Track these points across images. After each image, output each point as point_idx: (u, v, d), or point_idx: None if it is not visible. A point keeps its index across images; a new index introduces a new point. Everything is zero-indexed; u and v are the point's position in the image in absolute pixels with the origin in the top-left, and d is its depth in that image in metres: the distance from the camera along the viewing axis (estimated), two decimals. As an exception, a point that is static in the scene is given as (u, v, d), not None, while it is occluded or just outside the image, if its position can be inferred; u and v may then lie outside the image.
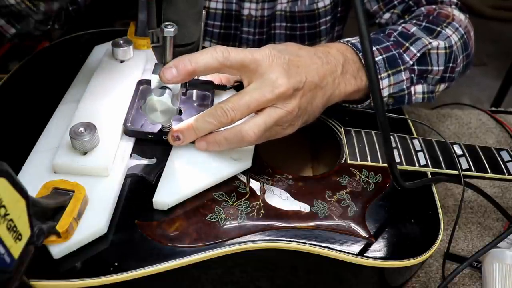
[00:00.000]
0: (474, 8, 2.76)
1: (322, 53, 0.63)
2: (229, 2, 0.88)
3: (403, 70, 0.70)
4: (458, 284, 0.68)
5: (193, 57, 0.53)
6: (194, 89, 0.65)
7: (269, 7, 0.89)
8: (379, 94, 0.47)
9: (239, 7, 0.89)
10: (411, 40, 0.72)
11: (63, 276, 0.47)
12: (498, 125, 0.95)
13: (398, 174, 0.53)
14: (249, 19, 0.89)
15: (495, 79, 2.19)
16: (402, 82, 0.70)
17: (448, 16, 0.80)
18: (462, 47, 0.78)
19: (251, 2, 0.87)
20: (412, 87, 0.72)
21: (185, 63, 0.53)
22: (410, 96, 0.72)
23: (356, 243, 0.55)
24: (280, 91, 0.55)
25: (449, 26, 0.77)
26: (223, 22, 0.90)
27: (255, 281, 0.58)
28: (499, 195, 0.81)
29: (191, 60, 0.53)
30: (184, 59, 0.53)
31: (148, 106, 0.54)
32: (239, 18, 0.90)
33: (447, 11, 0.81)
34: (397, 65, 0.70)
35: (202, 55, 0.53)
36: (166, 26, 0.50)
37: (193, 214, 0.54)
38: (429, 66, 0.73)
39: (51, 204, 0.47)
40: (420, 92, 0.73)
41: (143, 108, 0.54)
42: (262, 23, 0.90)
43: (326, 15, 0.93)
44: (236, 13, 0.89)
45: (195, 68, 0.53)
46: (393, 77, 0.69)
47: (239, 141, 0.57)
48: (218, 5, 0.88)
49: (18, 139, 0.60)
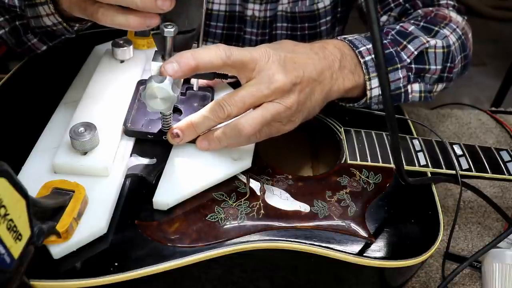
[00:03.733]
0: (473, 8, 2.76)
1: (319, 49, 0.63)
2: (232, 3, 0.88)
3: (400, 68, 0.70)
4: (458, 284, 0.68)
5: (197, 53, 0.53)
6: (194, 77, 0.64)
7: (271, 8, 0.89)
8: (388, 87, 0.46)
9: (242, 8, 0.89)
10: (408, 38, 0.72)
11: (63, 276, 0.47)
12: (498, 125, 0.95)
13: (403, 168, 0.52)
14: (253, 20, 0.89)
15: (495, 79, 2.19)
16: (398, 80, 0.70)
17: (445, 17, 0.80)
18: (460, 48, 0.78)
19: (255, 3, 0.87)
20: (409, 86, 0.72)
21: (188, 59, 0.52)
22: (407, 94, 0.72)
23: (356, 243, 0.55)
24: (277, 86, 0.56)
25: (447, 27, 0.77)
26: (226, 23, 0.90)
27: (255, 281, 0.58)
28: (499, 195, 0.81)
29: (194, 56, 0.52)
30: (187, 54, 0.52)
31: (148, 93, 0.52)
32: (243, 19, 0.90)
33: (444, 13, 0.81)
34: (394, 63, 0.70)
35: (206, 52, 0.53)
36: (166, 26, 0.50)
37: (193, 214, 0.54)
38: (427, 65, 0.72)
39: (51, 204, 0.47)
40: (417, 91, 0.73)
41: (143, 95, 0.53)
42: (264, 24, 0.91)
43: (326, 15, 0.93)
44: (239, 14, 0.89)
45: (197, 64, 0.52)
46: (390, 75, 0.69)
47: (236, 135, 0.57)
48: (221, 7, 0.88)
49: (18, 139, 0.60)
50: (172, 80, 0.53)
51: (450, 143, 0.69)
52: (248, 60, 0.55)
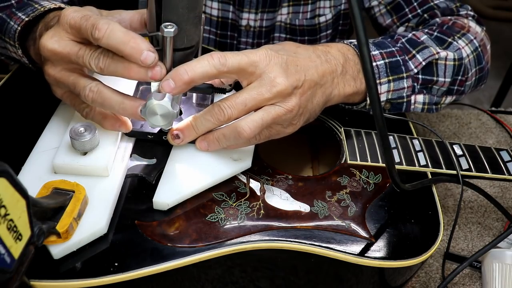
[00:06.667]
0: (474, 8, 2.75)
1: (321, 52, 0.63)
2: (225, 10, 0.86)
3: (405, 77, 0.69)
4: (458, 284, 0.68)
5: (190, 66, 0.52)
6: (194, 92, 0.65)
7: (268, 17, 0.87)
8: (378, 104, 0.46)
9: (236, 16, 0.87)
10: (418, 48, 0.71)
11: (63, 276, 0.47)
12: (498, 125, 0.95)
13: (398, 179, 0.52)
14: (248, 29, 0.88)
15: (495, 79, 2.19)
16: (402, 90, 0.69)
17: (463, 27, 0.78)
18: (475, 60, 0.76)
19: (250, 13, 0.86)
20: (413, 96, 0.71)
21: (182, 74, 0.52)
22: (409, 104, 0.71)
23: (356, 243, 0.55)
24: (278, 90, 0.55)
25: (463, 38, 0.76)
26: (218, 30, 0.89)
27: (255, 281, 0.58)
28: (499, 195, 0.81)
29: (187, 70, 0.52)
30: (180, 70, 0.52)
31: (148, 110, 0.53)
32: (237, 28, 0.88)
33: (463, 22, 0.79)
34: (399, 72, 0.68)
35: (199, 63, 0.53)
36: (166, 27, 0.50)
37: (193, 214, 0.54)
38: (435, 77, 0.71)
39: (51, 204, 0.47)
40: (421, 102, 0.72)
41: (143, 113, 0.54)
42: (260, 34, 0.89)
43: (327, 29, 0.92)
44: (232, 22, 0.88)
45: (192, 77, 0.52)
46: (393, 83, 0.68)
47: (235, 137, 0.56)
48: (213, 12, 0.86)
49: (18, 139, 0.60)
50: (172, 97, 0.53)
51: (450, 143, 0.69)
52: (245, 64, 0.55)
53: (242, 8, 0.85)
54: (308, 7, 0.88)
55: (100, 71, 0.52)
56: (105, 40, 0.49)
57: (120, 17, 0.58)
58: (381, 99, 0.69)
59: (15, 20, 0.62)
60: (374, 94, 0.45)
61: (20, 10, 0.63)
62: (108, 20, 0.50)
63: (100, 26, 0.49)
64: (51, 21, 0.59)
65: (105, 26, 0.49)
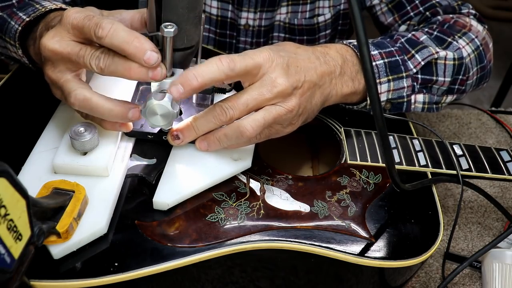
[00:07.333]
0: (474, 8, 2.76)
1: (320, 53, 0.63)
2: (224, 9, 0.86)
3: (405, 77, 0.69)
4: (458, 284, 0.68)
5: (198, 71, 0.52)
6: None
7: (267, 17, 0.87)
8: (378, 104, 0.46)
9: (235, 16, 0.87)
10: (417, 47, 0.71)
11: (63, 276, 0.47)
12: (498, 125, 0.95)
13: (398, 179, 0.52)
14: (247, 29, 0.88)
15: (495, 79, 2.18)
16: (402, 89, 0.69)
17: (464, 26, 0.78)
18: (476, 59, 0.76)
19: (249, 12, 0.86)
20: (413, 96, 0.71)
21: (191, 80, 0.52)
22: (409, 104, 0.71)
23: (356, 243, 0.55)
24: (279, 90, 0.55)
25: (464, 37, 0.75)
26: (217, 29, 0.89)
27: (255, 281, 0.58)
28: (499, 195, 0.81)
29: (196, 75, 0.52)
30: (189, 75, 0.52)
31: (148, 110, 0.53)
32: (236, 27, 0.88)
33: (464, 21, 0.79)
34: (398, 71, 0.68)
35: (207, 68, 0.52)
36: (166, 27, 0.50)
37: (193, 214, 0.54)
38: (434, 76, 0.71)
39: (51, 204, 0.47)
40: (421, 102, 0.72)
41: (143, 113, 0.54)
42: (259, 33, 0.89)
43: (326, 28, 0.91)
44: (231, 21, 0.88)
45: (201, 83, 0.52)
46: (393, 83, 0.68)
47: (238, 137, 0.57)
48: (213, 11, 0.87)
49: (18, 139, 0.60)
50: (172, 97, 0.53)
51: (450, 143, 0.69)
52: (251, 67, 0.55)
53: (241, 7, 0.85)
54: (307, 6, 0.88)
55: (100, 71, 0.52)
56: (108, 39, 0.49)
57: (121, 16, 0.58)
58: (382, 99, 0.69)
59: (16, 20, 0.62)
60: (374, 93, 0.45)
61: (21, 10, 0.63)
62: (111, 20, 0.50)
63: (103, 25, 0.49)
64: (51, 22, 0.59)
65: (108, 25, 0.49)
